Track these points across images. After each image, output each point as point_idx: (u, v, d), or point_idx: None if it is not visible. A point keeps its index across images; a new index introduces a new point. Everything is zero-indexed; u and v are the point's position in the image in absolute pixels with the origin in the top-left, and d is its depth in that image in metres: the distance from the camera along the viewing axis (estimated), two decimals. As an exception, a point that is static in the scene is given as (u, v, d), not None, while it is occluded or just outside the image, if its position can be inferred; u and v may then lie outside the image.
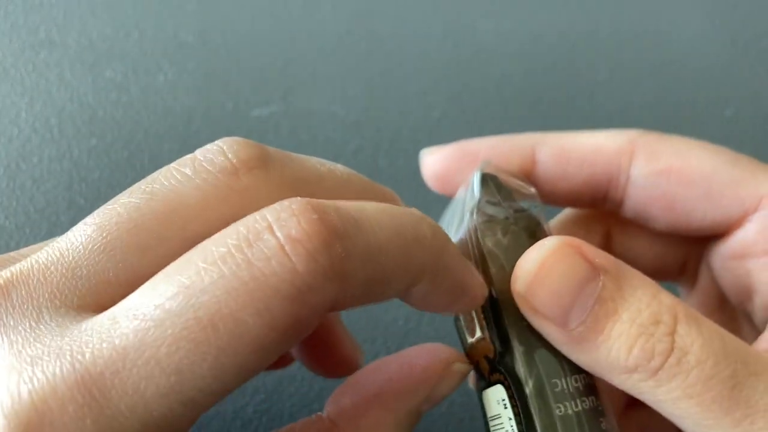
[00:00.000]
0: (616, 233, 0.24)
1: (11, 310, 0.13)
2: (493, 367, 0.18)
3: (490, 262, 0.18)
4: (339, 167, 0.16)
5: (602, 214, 0.23)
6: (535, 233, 0.19)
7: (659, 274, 0.24)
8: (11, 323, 0.13)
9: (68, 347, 0.12)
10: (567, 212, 0.25)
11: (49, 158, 0.31)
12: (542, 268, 0.17)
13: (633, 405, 0.22)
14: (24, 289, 0.13)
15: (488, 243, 0.18)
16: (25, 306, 0.13)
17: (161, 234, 0.14)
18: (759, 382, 0.16)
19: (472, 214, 0.19)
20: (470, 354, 0.19)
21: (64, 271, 0.13)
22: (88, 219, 0.14)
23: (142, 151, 0.32)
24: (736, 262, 0.21)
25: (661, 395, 0.16)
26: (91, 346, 0.12)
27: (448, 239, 0.16)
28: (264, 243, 0.12)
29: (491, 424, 0.18)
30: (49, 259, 0.14)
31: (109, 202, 0.14)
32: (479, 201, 0.19)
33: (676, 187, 0.21)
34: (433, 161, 0.22)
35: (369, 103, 0.34)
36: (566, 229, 0.24)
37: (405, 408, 0.17)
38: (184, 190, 0.14)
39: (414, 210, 0.15)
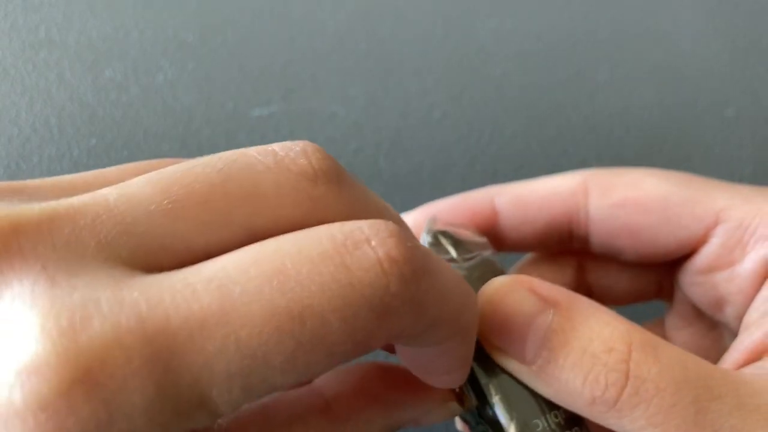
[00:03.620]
0: (588, 266, 0.24)
1: (54, 249, 0.12)
2: (476, 421, 0.18)
3: None
4: (390, 208, 0.16)
5: (572, 253, 0.24)
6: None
7: (637, 297, 0.24)
8: (53, 261, 0.12)
9: (131, 298, 0.11)
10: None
11: (49, 158, 0.31)
12: (493, 303, 0.17)
13: None
14: (68, 229, 0.12)
15: None
16: (70, 247, 0.12)
17: (229, 217, 0.13)
18: (723, 404, 0.16)
19: None
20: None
21: (115, 222, 0.12)
22: (152, 177, 0.13)
23: (142, 151, 0.32)
24: (703, 277, 0.21)
25: (627, 426, 0.16)
26: (163, 303, 0.11)
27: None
28: (363, 253, 0.12)
29: None
30: (98, 206, 0.12)
31: (174, 168, 0.13)
32: None
33: (635, 217, 0.21)
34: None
35: (369, 103, 0.34)
36: (538, 267, 0.25)
37: (396, 419, 0.18)
38: (261, 181, 0.13)
39: None
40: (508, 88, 0.35)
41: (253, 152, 0.14)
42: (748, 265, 0.20)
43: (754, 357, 0.18)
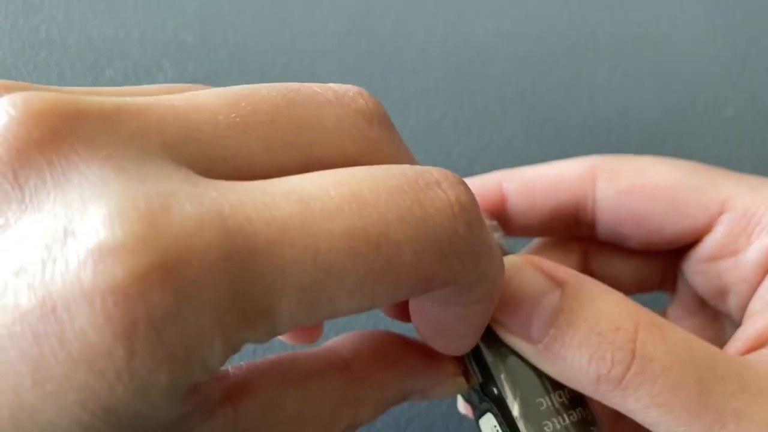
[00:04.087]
0: (593, 253, 0.24)
1: (119, 139, 0.11)
2: (480, 398, 0.19)
3: None
4: None
5: (577, 239, 0.24)
6: None
7: (640, 286, 0.24)
8: (120, 151, 0.11)
9: (210, 195, 0.11)
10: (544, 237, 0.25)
11: (50, 158, 0.31)
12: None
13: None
14: (134, 124, 0.12)
15: None
16: (135, 141, 0.11)
17: (291, 139, 0.13)
18: (727, 386, 0.16)
19: None
20: None
21: (181, 125, 0.12)
22: (221, 91, 0.13)
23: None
24: (707, 265, 0.21)
25: (631, 404, 0.16)
26: (244, 205, 0.11)
27: None
28: (435, 194, 0.12)
29: None
30: (164, 108, 0.12)
31: (240, 87, 0.13)
32: None
33: (642, 203, 0.21)
34: None
35: (369, 103, 0.34)
36: (544, 253, 0.25)
37: (409, 385, 0.18)
38: (323, 112, 0.14)
39: None
40: (508, 88, 0.35)
41: (315, 86, 0.14)
42: (753, 254, 0.20)
43: (757, 345, 0.18)
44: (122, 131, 0.11)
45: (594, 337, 0.16)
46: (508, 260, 0.18)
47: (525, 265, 0.18)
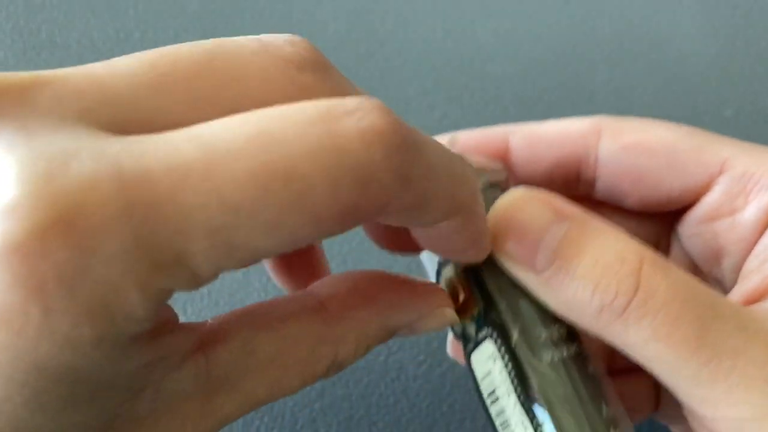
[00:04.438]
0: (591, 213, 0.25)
1: (34, 109, 0.12)
2: (479, 325, 0.19)
3: None
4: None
5: (575, 198, 0.24)
6: None
7: None
8: (34, 120, 0.11)
9: (112, 150, 0.11)
10: None
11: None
12: (509, 211, 0.17)
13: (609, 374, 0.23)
14: (50, 93, 0.12)
15: None
16: (52, 110, 0.12)
17: (215, 95, 0.13)
18: (726, 324, 0.16)
19: None
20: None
21: (98, 91, 0.12)
22: (140, 54, 0.13)
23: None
24: (704, 226, 0.22)
25: (631, 337, 0.16)
26: (145, 155, 0.11)
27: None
28: (349, 122, 0.12)
29: (483, 385, 0.19)
30: (83, 76, 0.12)
31: (161, 48, 0.13)
32: None
33: (642, 159, 0.21)
34: None
35: (369, 103, 0.35)
36: None
37: (392, 320, 0.18)
38: (248, 63, 0.13)
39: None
40: (507, 89, 0.36)
41: (240, 39, 0.14)
42: (750, 213, 0.20)
43: (752, 301, 0.19)
44: (39, 102, 0.12)
45: (599, 267, 0.16)
46: (516, 191, 0.18)
47: (533, 196, 0.18)
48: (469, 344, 0.19)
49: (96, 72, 0.13)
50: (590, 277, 0.16)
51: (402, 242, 0.21)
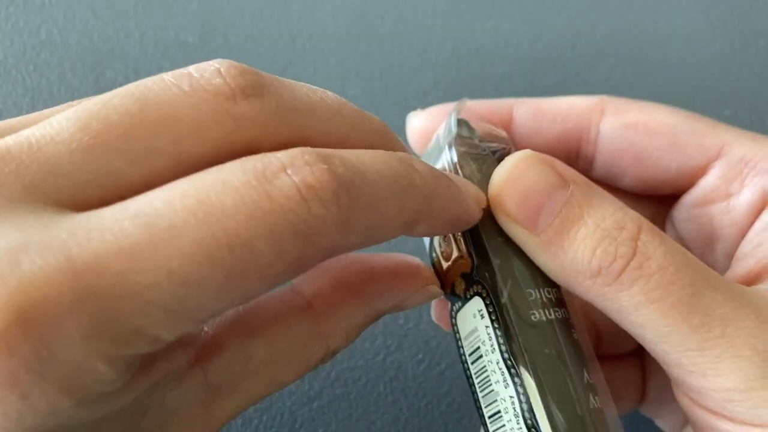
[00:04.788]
0: None
1: None
2: (469, 282, 0.19)
3: None
4: (330, 95, 0.16)
5: None
6: None
7: None
8: None
9: (59, 239, 0.11)
10: None
11: (51, 158, 0.31)
12: (514, 172, 0.18)
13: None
14: None
15: (465, 172, 0.19)
16: None
17: (152, 146, 0.13)
18: (717, 293, 0.16)
19: (450, 147, 0.20)
20: (446, 277, 0.20)
21: (39, 164, 0.12)
22: (69, 114, 0.13)
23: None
24: (699, 209, 0.22)
25: (624, 300, 0.17)
26: (92, 242, 0.11)
27: (438, 176, 0.16)
28: (282, 182, 0.13)
29: (466, 342, 0.19)
30: (22, 150, 0.12)
31: (93, 101, 0.13)
32: (456, 136, 0.20)
33: (643, 138, 0.22)
34: (419, 121, 0.23)
35: (369, 103, 0.35)
36: None
37: (378, 306, 0.18)
38: (179, 106, 0.13)
39: (402, 155, 0.16)
40: (507, 89, 0.36)
41: (168, 77, 0.14)
42: (745, 197, 0.20)
43: (745, 284, 0.18)
44: None
45: (599, 231, 0.17)
46: (523, 152, 0.18)
47: (539, 159, 0.18)
48: (456, 302, 0.19)
49: (34, 142, 0.13)
50: (590, 240, 0.17)
51: None
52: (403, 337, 0.29)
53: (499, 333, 0.18)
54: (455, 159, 0.19)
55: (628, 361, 0.23)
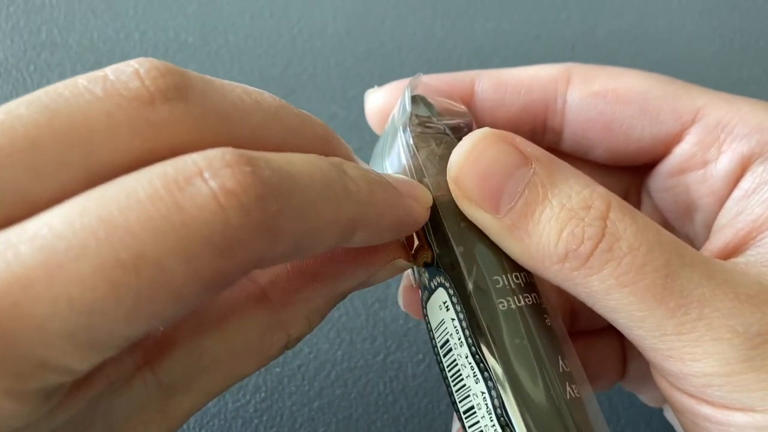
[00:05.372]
0: None
1: None
2: (432, 273, 0.18)
3: (426, 171, 0.18)
4: (267, 97, 0.15)
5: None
6: None
7: None
8: None
9: None
10: None
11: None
12: (472, 152, 0.16)
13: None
14: None
15: (422, 154, 0.18)
16: None
17: (62, 158, 0.12)
18: (693, 272, 0.15)
19: (405, 128, 0.19)
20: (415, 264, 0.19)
21: None
22: None
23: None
24: (676, 179, 0.21)
25: (594, 285, 0.16)
26: None
27: (374, 181, 0.15)
28: (196, 189, 0.11)
29: (437, 334, 0.18)
30: None
31: (2, 110, 0.12)
32: (411, 116, 0.19)
33: (613, 106, 0.20)
34: (376, 99, 0.21)
35: (369, 103, 0.35)
36: None
37: (339, 288, 0.17)
38: (92, 112, 0.12)
39: (335, 159, 0.15)
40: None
41: (81, 81, 0.13)
42: (723, 164, 0.19)
43: (725, 256, 0.18)
44: None
45: (565, 212, 0.16)
46: (481, 131, 0.17)
47: (497, 138, 0.17)
48: (424, 293, 0.18)
49: None
50: (555, 222, 0.16)
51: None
52: (403, 337, 0.29)
53: (465, 325, 0.17)
54: (411, 141, 0.18)
55: (606, 337, 0.22)
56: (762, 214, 0.18)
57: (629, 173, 0.22)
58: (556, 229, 0.16)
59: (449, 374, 0.17)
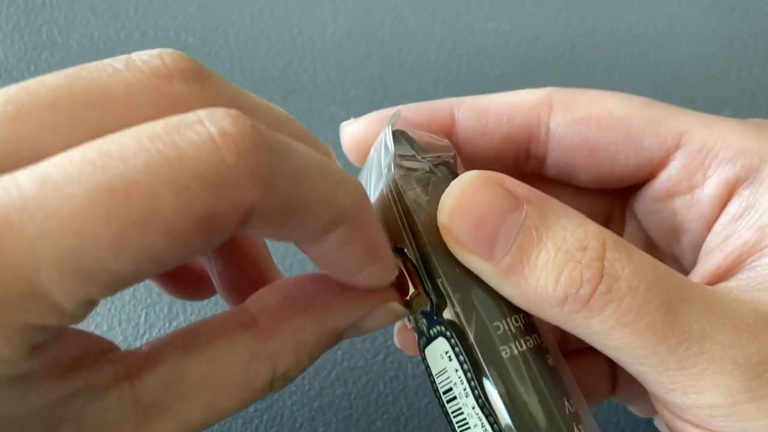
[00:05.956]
0: (541, 191, 0.23)
1: None
2: (431, 322, 0.17)
3: (415, 214, 0.17)
4: (278, 108, 0.15)
5: (525, 176, 0.22)
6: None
7: None
8: None
9: None
10: None
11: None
12: (463, 198, 0.16)
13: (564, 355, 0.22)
14: None
15: (410, 195, 0.18)
16: None
17: (78, 120, 0.12)
18: (692, 307, 0.15)
19: (389, 169, 0.18)
20: (409, 309, 0.18)
21: None
22: (3, 89, 0.13)
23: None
24: (662, 203, 0.21)
25: (595, 326, 0.16)
26: None
27: (369, 200, 0.15)
28: (194, 131, 0.12)
29: (438, 380, 0.18)
30: None
31: (28, 80, 0.13)
32: (394, 156, 0.18)
33: (597, 132, 0.20)
34: (352, 131, 0.21)
35: (369, 103, 0.35)
36: None
37: (330, 325, 0.17)
38: (111, 82, 0.13)
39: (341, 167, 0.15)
40: (507, 89, 0.36)
41: (107, 60, 0.13)
42: (709, 189, 0.19)
43: (715, 281, 0.18)
44: None
45: (561, 255, 0.16)
46: (469, 175, 0.17)
47: (487, 180, 0.16)
48: (422, 338, 0.18)
49: None
50: (552, 266, 0.16)
51: (192, 286, 0.20)
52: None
53: (470, 377, 0.16)
54: (397, 185, 0.18)
55: (595, 354, 0.22)
56: (750, 238, 0.18)
57: (613, 194, 0.22)
58: (554, 273, 0.16)
59: (454, 420, 0.17)
